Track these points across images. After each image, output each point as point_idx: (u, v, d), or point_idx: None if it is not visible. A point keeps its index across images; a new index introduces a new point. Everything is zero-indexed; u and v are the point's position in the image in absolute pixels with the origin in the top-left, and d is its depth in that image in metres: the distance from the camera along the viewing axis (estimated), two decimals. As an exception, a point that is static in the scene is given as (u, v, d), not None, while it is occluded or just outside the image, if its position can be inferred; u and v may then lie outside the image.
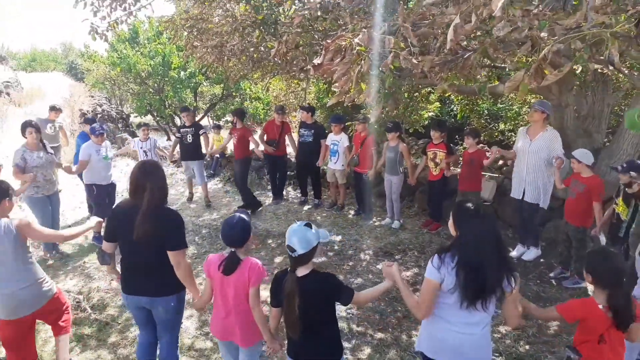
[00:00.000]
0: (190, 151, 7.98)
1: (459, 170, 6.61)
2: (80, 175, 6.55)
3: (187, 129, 7.93)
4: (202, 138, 8.20)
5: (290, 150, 8.70)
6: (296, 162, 8.24)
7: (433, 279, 2.42)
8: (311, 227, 2.60)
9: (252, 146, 7.88)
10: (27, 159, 5.41)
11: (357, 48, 2.39)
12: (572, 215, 4.94)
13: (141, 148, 7.53)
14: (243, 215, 2.89)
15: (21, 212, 6.75)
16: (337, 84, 2.50)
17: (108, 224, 3.17)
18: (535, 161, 5.37)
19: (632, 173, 4.06)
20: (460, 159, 7.06)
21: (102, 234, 3.26)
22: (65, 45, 40.19)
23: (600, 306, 2.51)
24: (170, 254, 2.96)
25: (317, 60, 2.54)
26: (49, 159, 5.66)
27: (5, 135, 12.73)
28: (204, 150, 8.46)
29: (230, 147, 10.18)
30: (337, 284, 2.64)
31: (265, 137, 7.97)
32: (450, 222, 2.56)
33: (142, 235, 2.88)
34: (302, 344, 2.64)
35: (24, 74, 24.12)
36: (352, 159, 7.28)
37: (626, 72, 2.60)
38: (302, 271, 2.58)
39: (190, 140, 7.91)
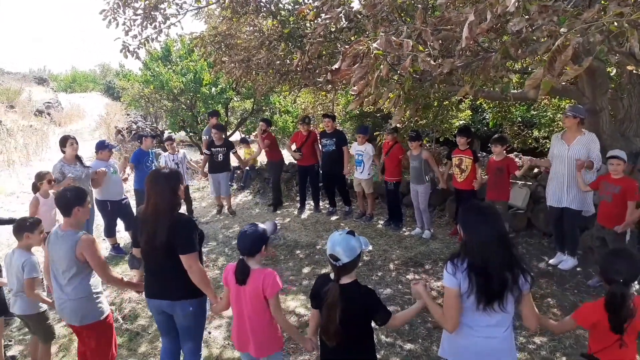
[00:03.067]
0: (220, 166, 8.19)
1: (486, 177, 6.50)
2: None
3: (219, 149, 8.09)
4: (233, 156, 8.46)
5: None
6: (322, 172, 8.28)
7: (451, 286, 2.39)
8: (354, 235, 2.57)
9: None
10: (65, 173, 5.64)
11: (375, 52, 2.38)
12: (607, 218, 4.75)
13: (173, 161, 7.68)
14: (261, 225, 2.90)
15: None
16: (354, 88, 2.49)
17: (133, 231, 3.33)
18: (575, 167, 5.18)
19: None
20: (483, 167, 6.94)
21: (120, 244, 3.35)
22: (103, 66, 41.62)
23: None
24: (182, 257, 2.99)
25: (335, 66, 2.55)
26: (86, 173, 5.86)
27: (47, 153, 13.25)
28: (234, 164, 8.72)
29: (260, 159, 10.41)
30: (378, 301, 2.59)
31: (293, 147, 8.09)
32: (459, 226, 2.53)
33: (149, 241, 2.99)
34: (337, 354, 2.60)
35: (64, 95, 25.20)
36: (376, 166, 7.27)
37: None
38: (345, 280, 2.54)
39: (221, 159, 8.12)
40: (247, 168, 10.42)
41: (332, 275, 2.59)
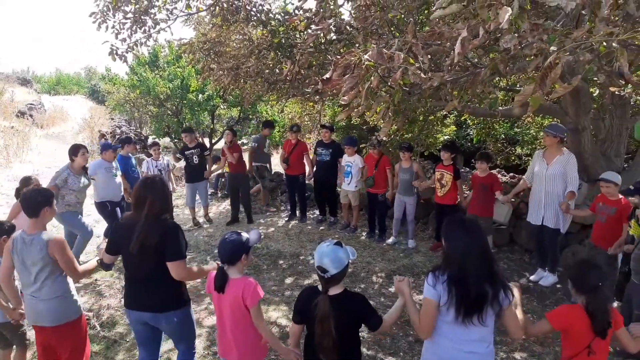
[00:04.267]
0: (198, 172, 8.04)
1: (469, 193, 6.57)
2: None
3: (192, 150, 7.98)
4: (207, 158, 8.34)
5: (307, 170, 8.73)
6: (314, 180, 8.23)
7: (431, 298, 2.40)
8: (341, 246, 2.56)
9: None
10: (69, 182, 5.58)
11: (366, 63, 2.40)
12: (601, 238, 4.78)
13: (156, 167, 7.59)
14: (244, 234, 2.87)
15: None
16: (345, 98, 2.50)
17: (111, 237, 3.18)
18: (553, 186, 5.26)
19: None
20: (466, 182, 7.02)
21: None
22: (89, 70, 41.28)
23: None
24: (169, 265, 2.92)
25: (327, 75, 2.56)
26: (86, 184, 5.85)
27: (28, 155, 13.03)
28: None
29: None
30: (369, 306, 2.58)
31: (284, 155, 8.14)
32: (442, 238, 2.54)
33: (138, 247, 2.88)
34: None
35: (47, 97, 24.84)
36: (366, 180, 7.22)
37: (634, 81, 2.56)
38: (334, 290, 2.53)
39: (197, 161, 7.98)
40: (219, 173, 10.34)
41: (319, 287, 2.56)
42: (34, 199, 3.13)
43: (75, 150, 5.70)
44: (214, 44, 7.55)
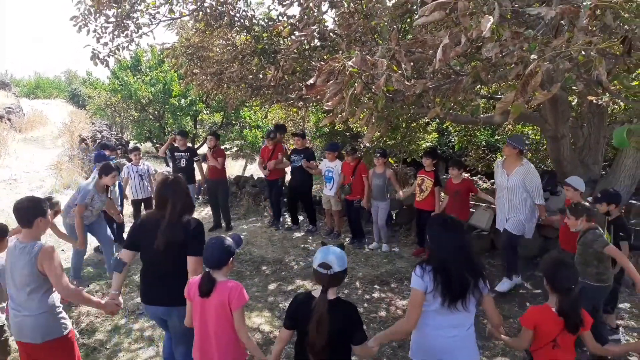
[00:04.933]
0: (184, 175, 7.77)
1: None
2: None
3: (182, 153, 7.99)
4: (196, 164, 8.25)
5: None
6: (288, 188, 8.29)
7: (418, 288, 2.62)
8: (340, 247, 2.69)
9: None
10: (94, 201, 5.57)
11: (350, 70, 2.41)
12: (567, 243, 4.89)
13: (136, 172, 7.46)
14: (227, 238, 2.90)
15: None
16: (329, 103, 2.51)
17: (132, 233, 3.29)
18: (514, 195, 5.36)
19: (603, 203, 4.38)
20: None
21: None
22: (69, 74, 40.71)
23: (554, 309, 2.81)
24: (190, 259, 3.10)
25: (311, 81, 2.56)
26: (104, 201, 5.82)
27: (5, 159, 12.78)
28: (198, 177, 8.51)
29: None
30: (359, 318, 2.63)
31: (262, 162, 8.09)
32: (427, 236, 2.82)
33: (163, 244, 3.06)
34: None
35: (26, 101, 24.42)
36: (343, 187, 7.29)
37: (612, 89, 2.63)
38: (330, 294, 2.57)
39: (184, 165, 7.94)
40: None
41: (314, 293, 2.61)
42: (27, 209, 3.03)
43: (108, 171, 5.61)
44: (197, 49, 7.51)
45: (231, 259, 2.85)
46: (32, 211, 3.03)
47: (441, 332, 2.68)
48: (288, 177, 8.63)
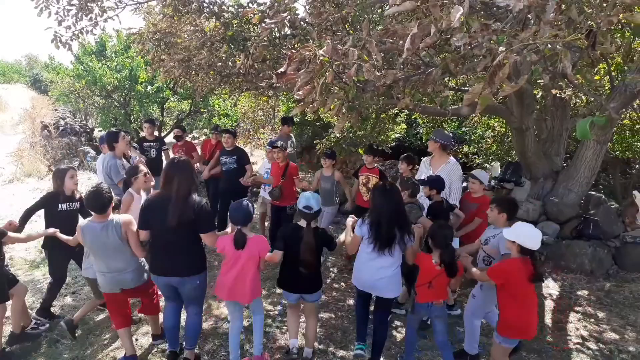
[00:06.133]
0: (155, 167, 7.09)
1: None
2: None
3: (151, 143, 7.73)
4: (163, 154, 7.96)
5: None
6: (220, 192, 7.35)
7: (358, 234, 3.83)
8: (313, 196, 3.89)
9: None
10: (122, 168, 5.54)
11: (321, 58, 2.40)
12: (466, 235, 5.06)
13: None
14: (246, 201, 3.80)
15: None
16: (299, 92, 2.50)
17: (142, 214, 3.68)
18: None
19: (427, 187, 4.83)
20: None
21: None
22: (30, 58, 39.27)
23: (434, 261, 3.69)
24: (203, 236, 3.70)
25: (281, 69, 2.54)
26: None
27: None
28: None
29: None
30: (330, 235, 4.05)
31: (203, 157, 7.81)
32: (370, 198, 3.96)
33: (175, 221, 3.46)
34: (303, 278, 3.85)
35: (-16, 85, 23.43)
36: (271, 191, 6.34)
37: (576, 82, 2.71)
38: (312, 225, 3.84)
39: (154, 156, 7.70)
40: None
41: (300, 223, 3.87)
42: (100, 201, 3.65)
43: (115, 137, 5.60)
44: (165, 35, 7.32)
45: (253, 216, 3.79)
46: (104, 202, 3.67)
47: (374, 270, 3.79)
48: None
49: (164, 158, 7.99)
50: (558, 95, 4.26)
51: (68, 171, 4.65)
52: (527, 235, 3.35)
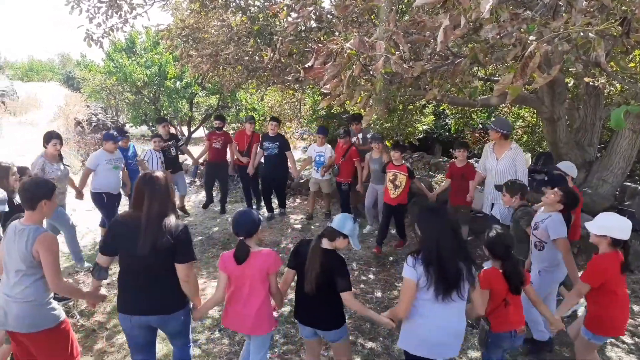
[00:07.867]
0: (173, 164, 7.66)
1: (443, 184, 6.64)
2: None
3: (169, 142, 7.64)
4: (183, 149, 8.17)
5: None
6: (261, 176, 8.03)
7: (411, 278, 2.69)
8: (353, 221, 3.10)
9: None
10: (47, 170, 5.34)
11: (348, 51, 2.40)
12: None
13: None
14: (252, 210, 3.24)
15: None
16: (327, 86, 2.51)
17: (107, 236, 3.01)
18: (502, 180, 5.04)
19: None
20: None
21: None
22: (63, 56, 40.31)
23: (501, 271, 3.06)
24: (179, 267, 2.86)
25: (309, 64, 2.56)
26: (65, 172, 5.61)
27: (-1, 142, 12.71)
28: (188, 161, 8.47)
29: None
30: (345, 269, 3.07)
31: (237, 148, 7.92)
32: (416, 227, 2.89)
33: (149, 249, 2.77)
34: (317, 308, 3.11)
35: (20, 84, 24.19)
36: (332, 168, 7.35)
37: (610, 70, 2.64)
38: (325, 243, 3.06)
39: (174, 153, 7.73)
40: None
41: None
42: (32, 191, 2.90)
43: (48, 139, 5.43)
44: (193, 30, 7.43)
45: (260, 228, 3.11)
46: (36, 193, 2.90)
47: (436, 322, 2.71)
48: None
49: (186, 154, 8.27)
50: (591, 83, 4.16)
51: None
52: (618, 227, 3.16)
